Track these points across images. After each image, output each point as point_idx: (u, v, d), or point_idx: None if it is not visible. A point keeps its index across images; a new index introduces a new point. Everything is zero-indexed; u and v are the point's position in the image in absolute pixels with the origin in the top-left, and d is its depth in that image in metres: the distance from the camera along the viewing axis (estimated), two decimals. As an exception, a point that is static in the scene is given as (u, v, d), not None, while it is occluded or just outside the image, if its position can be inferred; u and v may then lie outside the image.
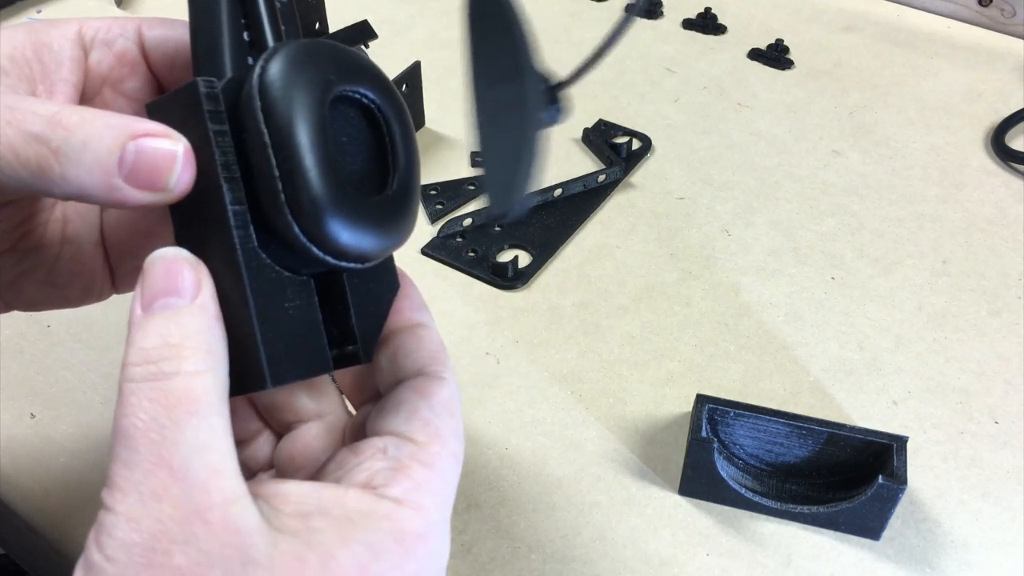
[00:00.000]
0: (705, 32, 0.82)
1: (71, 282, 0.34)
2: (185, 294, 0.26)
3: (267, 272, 0.27)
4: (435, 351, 0.30)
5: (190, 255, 0.27)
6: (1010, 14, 0.81)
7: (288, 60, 0.26)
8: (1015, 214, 0.63)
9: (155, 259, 0.26)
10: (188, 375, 0.25)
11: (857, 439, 0.44)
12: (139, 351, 0.26)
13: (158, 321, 0.26)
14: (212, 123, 0.26)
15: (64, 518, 0.46)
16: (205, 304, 0.26)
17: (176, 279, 0.26)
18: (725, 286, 0.58)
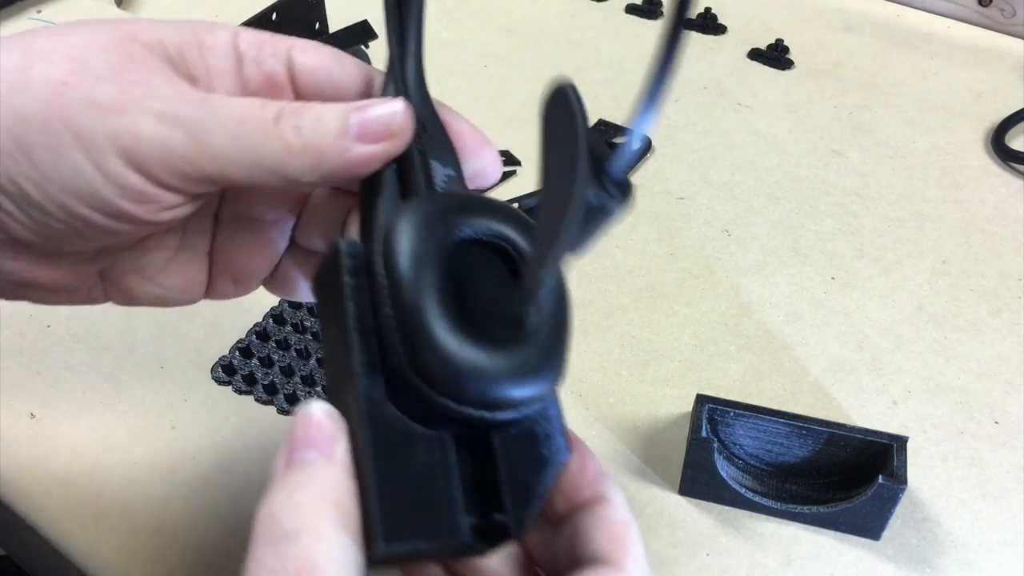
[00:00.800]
0: (705, 32, 0.82)
1: (174, 285, 0.34)
2: (323, 448, 0.25)
3: (393, 425, 0.26)
4: (616, 534, 0.27)
5: (331, 408, 0.26)
6: (1010, 14, 0.81)
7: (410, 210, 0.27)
8: (1015, 214, 0.63)
9: (299, 413, 0.26)
10: (310, 536, 0.23)
11: (857, 439, 0.44)
12: (266, 507, 0.24)
13: (291, 476, 0.25)
14: (348, 277, 0.27)
15: (64, 518, 0.46)
16: (338, 459, 0.25)
17: (316, 432, 0.25)
18: (725, 286, 0.58)
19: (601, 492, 0.28)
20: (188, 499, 0.46)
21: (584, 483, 0.28)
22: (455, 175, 0.31)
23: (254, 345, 0.53)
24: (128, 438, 0.49)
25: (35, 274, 0.30)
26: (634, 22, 0.84)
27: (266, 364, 0.52)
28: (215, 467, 0.48)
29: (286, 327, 0.54)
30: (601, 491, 0.28)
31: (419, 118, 0.30)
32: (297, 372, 0.52)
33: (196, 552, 0.44)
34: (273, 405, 0.51)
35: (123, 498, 0.46)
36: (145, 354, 0.53)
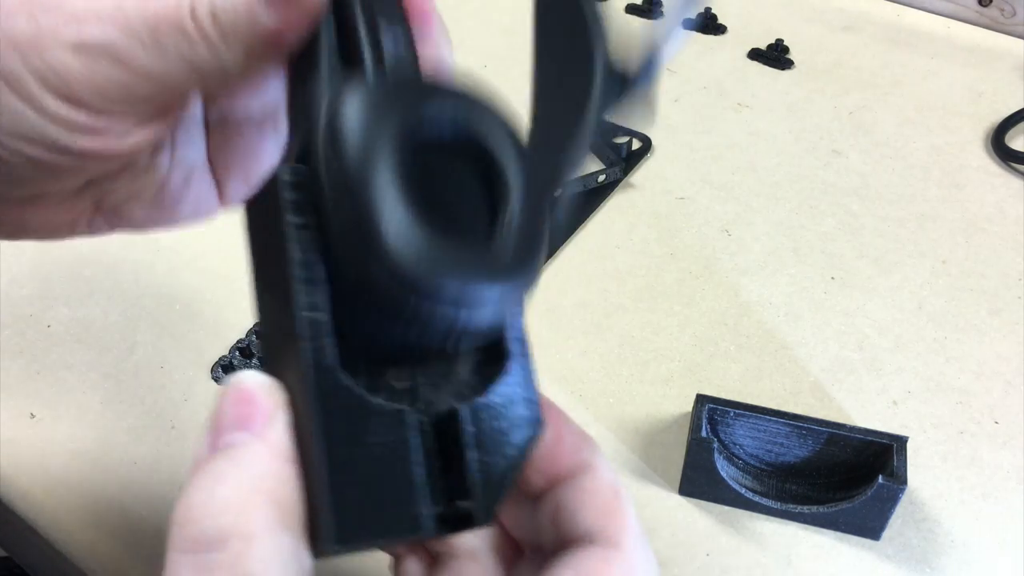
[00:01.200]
0: (705, 32, 0.82)
1: (179, 203, 0.32)
2: (252, 427, 0.21)
3: (348, 396, 0.22)
4: (605, 504, 0.24)
5: (266, 379, 0.22)
6: (1010, 14, 0.81)
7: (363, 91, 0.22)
8: (1015, 214, 0.63)
9: (229, 385, 0.22)
10: (241, 541, 0.19)
11: (857, 439, 0.44)
12: (184, 509, 0.20)
13: (215, 463, 0.21)
14: (291, 214, 0.22)
15: (64, 518, 0.46)
16: (275, 441, 0.21)
17: (245, 407, 0.21)
18: (725, 286, 0.58)
19: (583, 460, 0.24)
20: (188, 499, 0.46)
21: (562, 453, 0.25)
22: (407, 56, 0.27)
23: (254, 345, 0.53)
24: (128, 438, 0.49)
25: (24, 218, 0.29)
26: (634, 22, 0.84)
27: (266, 364, 0.52)
28: (215, 467, 0.48)
29: (286, 327, 0.54)
30: (582, 459, 0.24)
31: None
32: (297, 372, 0.52)
33: (196, 552, 0.44)
34: (273, 405, 0.51)
35: (123, 498, 0.46)
36: (145, 354, 0.53)
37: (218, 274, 0.58)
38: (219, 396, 0.22)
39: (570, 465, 0.24)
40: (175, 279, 0.58)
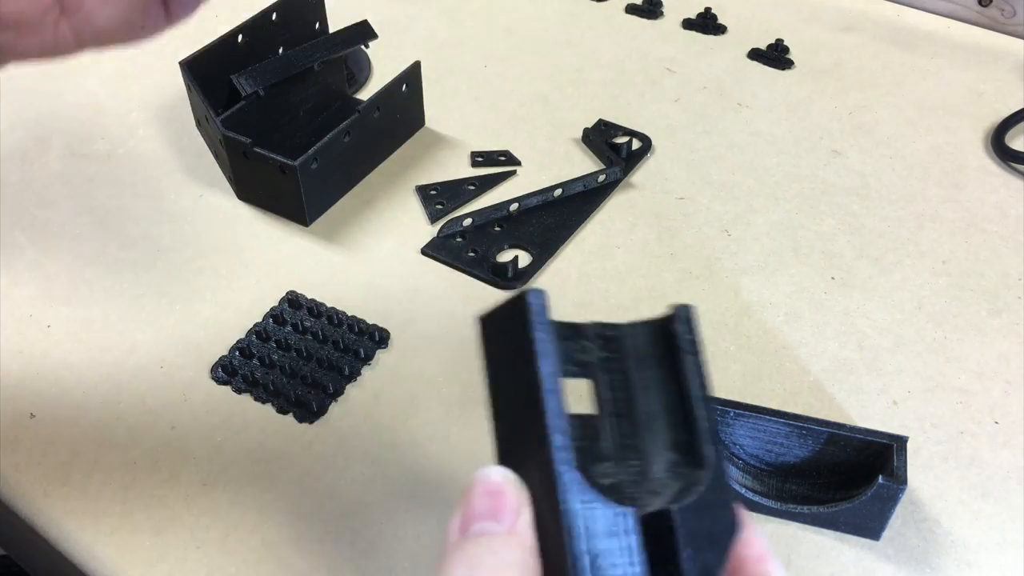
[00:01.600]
0: (705, 32, 0.82)
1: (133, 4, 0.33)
2: (504, 520, 0.24)
3: (586, 501, 0.24)
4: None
5: (511, 474, 0.25)
6: (1010, 14, 0.81)
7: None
8: (1015, 214, 0.63)
9: (479, 478, 0.25)
10: None
11: (857, 439, 0.44)
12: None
13: (470, 548, 0.23)
14: (539, 332, 0.26)
15: (64, 518, 0.46)
16: (522, 533, 0.24)
17: (497, 502, 0.24)
18: (725, 286, 0.58)
19: (764, 572, 0.27)
20: (188, 499, 0.46)
21: (749, 561, 0.27)
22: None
23: (254, 345, 0.53)
24: (128, 438, 0.49)
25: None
26: (634, 22, 0.84)
27: (266, 364, 0.52)
28: (215, 467, 0.48)
29: (286, 327, 0.54)
30: (764, 571, 0.27)
31: None
32: (297, 372, 0.52)
33: (196, 552, 0.44)
34: (273, 405, 0.51)
35: (123, 498, 0.46)
36: (145, 354, 0.53)
37: (218, 274, 0.58)
38: (469, 487, 0.25)
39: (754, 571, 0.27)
40: (175, 279, 0.58)
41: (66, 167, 0.67)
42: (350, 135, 0.62)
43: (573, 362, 0.27)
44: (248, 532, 0.45)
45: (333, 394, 0.51)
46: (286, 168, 0.59)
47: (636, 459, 0.27)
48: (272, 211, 0.63)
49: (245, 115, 0.62)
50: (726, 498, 0.27)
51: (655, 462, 0.27)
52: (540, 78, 0.76)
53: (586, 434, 0.26)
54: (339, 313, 0.55)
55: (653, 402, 0.28)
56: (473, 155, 0.68)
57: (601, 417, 0.27)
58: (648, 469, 0.27)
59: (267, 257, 0.60)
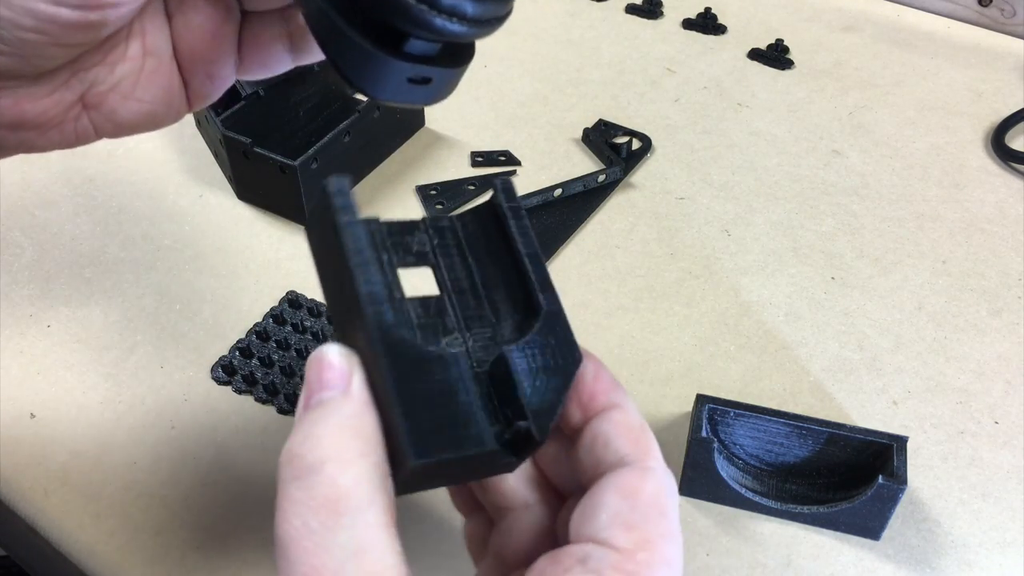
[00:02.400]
0: (705, 32, 0.82)
1: (155, 97, 0.34)
2: (336, 386, 0.26)
3: (408, 347, 0.26)
4: (635, 436, 0.28)
5: (340, 347, 0.27)
6: (1010, 14, 0.81)
7: None
8: (1015, 214, 0.63)
9: (311, 359, 0.27)
10: (333, 464, 0.24)
11: (857, 439, 0.44)
12: (286, 450, 0.25)
13: (309, 414, 0.25)
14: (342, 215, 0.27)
15: (64, 518, 0.46)
16: (354, 392, 0.26)
17: (327, 373, 0.26)
18: (725, 286, 0.58)
19: (616, 399, 0.28)
20: (188, 499, 0.46)
21: (600, 391, 0.29)
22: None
23: (254, 345, 0.53)
24: (128, 438, 0.49)
25: (22, 109, 0.31)
26: (634, 22, 0.84)
27: (266, 364, 0.52)
28: (215, 467, 0.48)
29: (286, 327, 0.54)
30: (616, 399, 0.28)
31: None
32: (297, 372, 0.52)
33: (196, 552, 0.44)
34: (273, 405, 0.51)
35: (123, 498, 0.46)
36: (145, 354, 0.53)
37: (218, 274, 0.58)
38: (306, 368, 0.26)
39: (606, 402, 0.28)
40: (175, 279, 0.58)
41: (66, 167, 0.67)
42: (350, 135, 0.62)
43: (410, 253, 0.29)
44: (248, 532, 0.45)
45: (333, 394, 0.51)
46: (286, 168, 0.59)
47: (484, 327, 0.29)
48: (272, 211, 0.63)
49: (245, 115, 0.62)
50: (564, 338, 0.29)
51: (503, 325, 0.29)
52: (540, 78, 0.76)
53: (431, 313, 0.29)
54: (339, 313, 0.55)
55: (491, 272, 0.30)
56: (473, 155, 0.68)
57: (444, 296, 0.29)
58: (498, 334, 0.29)
59: (267, 257, 0.60)
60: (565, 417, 0.29)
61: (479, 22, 0.29)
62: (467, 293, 0.30)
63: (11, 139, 0.32)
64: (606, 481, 0.27)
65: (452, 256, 0.30)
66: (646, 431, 0.28)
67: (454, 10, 0.27)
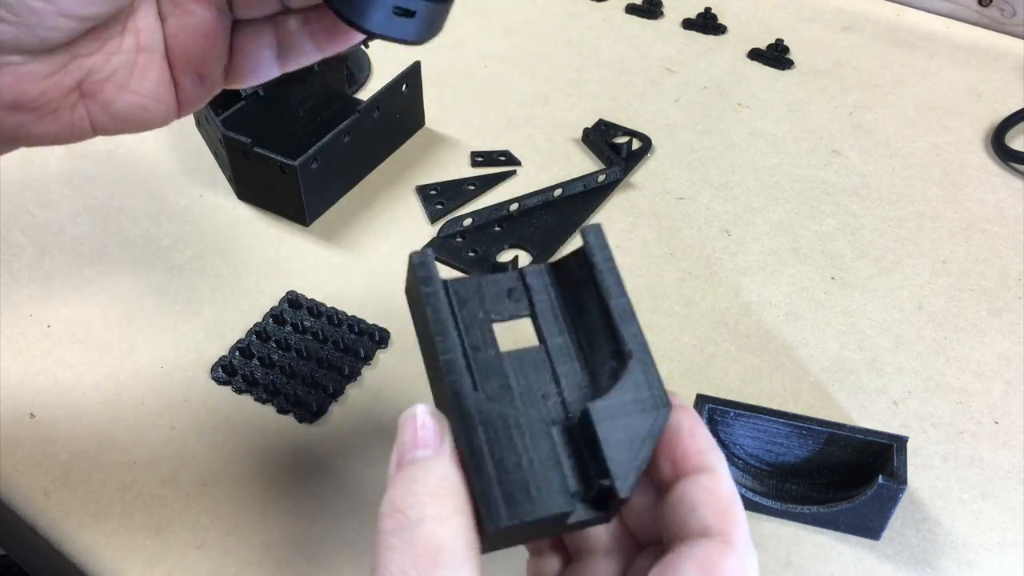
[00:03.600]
0: (705, 32, 0.82)
1: (148, 91, 0.35)
2: (430, 445, 0.27)
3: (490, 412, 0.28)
4: (723, 507, 0.27)
5: (434, 409, 0.28)
6: (1010, 14, 0.81)
7: None
8: (1015, 214, 0.63)
9: (406, 418, 0.28)
10: (433, 521, 0.25)
11: (857, 439, 0.44)
12: (389, 501, 0.26)
13: (406, 472, 0.27)
14: (423, 286, 0.29)
15: (64, 518, 0.46)
16: (447, 453, 0.27)
17: (422, 433, 0.28)
18: (725, 286, 0.58)
19: (708, 462, 0.28)
20: (188, 499, 0.46)
21: (693, 450, 0.28)
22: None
23: (254, 345, 0.53)
24: (128, 438, 0.49)
25: (22, 88, 0.31)
26: (634, 22, 0.84)
27: (266, 364, 0.52)
28: (215, 467, 0.48)
29: (286, 327, 0.54)
30: (708, 461, 0.28)
31: None
32: (297, 372, 0.52)
33: (196, 552, 0.44)
34: (273, 405, 0.51)
35: (123, 498, 0.46)
36: (145, 354, 0.54)
37: (218, 274, 0.58)
38: (400, 425, 0.28)
39: (698, 463, 0.28)
40: (175, 279, 0.58)
41: (66, 167, 0.67)
42: (350, 135, 0.62)
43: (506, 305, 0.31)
44: (248, 532, 0.45)
45: (333, 394, 0.51)
46: (286, 168, 0.59)
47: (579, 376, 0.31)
48: (272, 211, 0.63)
49: (245, 115, 0.62)
50: (654, 390, 0.29)
51: (600, 373, 0.30)
52: (540, 78, 0.76)
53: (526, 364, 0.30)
54: (339, 313, 0.55)
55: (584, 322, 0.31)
56: (473, 155, 0.68)
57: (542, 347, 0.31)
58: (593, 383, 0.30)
59: (267, 257, 0.60)
60: (655, 469, 0.29)
61: None
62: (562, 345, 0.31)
63: (8, 122, 0.32)
64: (687, 551, 0.26)
65: (546, 306, 0.32)
66: (735, 503, 0.27)
67: None
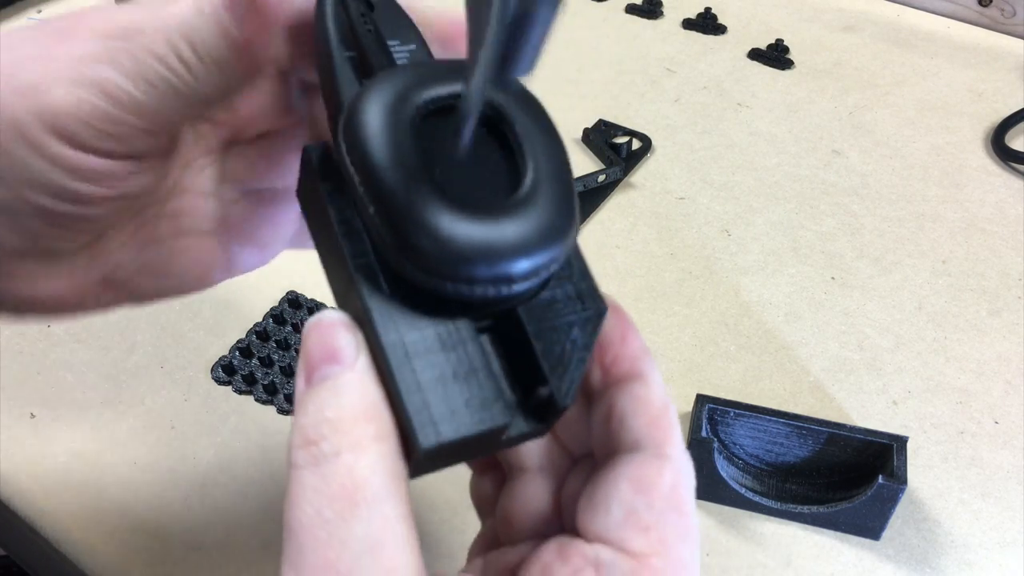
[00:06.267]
0: (705, 32, 0.82)
1: (186, 272, 0.32)
2: (343, 360, 0.24)
3: (407, 323, 0.24)
4: (656, 416, 0.25)
5: (343, 316, 0.24)
6: (1010, 14, 0.81)
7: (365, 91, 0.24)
8: (1015, 214, 0.63)
9: (311, 326, 0.24)
10: (349, 452, 0.22)
11: (857, 439, 0.44)
12: (298, 431, 0.23)
13: (316, 393, 0.23)
14: (323, 182, 0.25)
15: (64, 518, 0.46)
16: (361, 369, 0.23)
17: (332, 344, 0.24)
18: (725, 286, 0.58)
19: (642, 369, 0.26)
20: (188, 499, 0.46)
21: (625, 355, 0.26)
22: (418, 48, 0.28)
23: (254, 345, 0.53)
24: (128, 438, 0.49)
25: (35, 288, 0.29)
26: (634, 22, 0.84)
27: (266, 364, 0.52)
28: (215, 467, 0.48)
29: (286, 327, 0.54)
30: (642, 368, 0.26)
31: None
32: (297, 372, 0.52)
33: (196, 552, 0.44)
34: (273, 405, 0.51)
35: (123, 498, 0.46)
36: (145, 354, 0.53)
37: (218, 274, 0.58)
38: (304, 336, 0.24)
39: (630, 369, 0.26)
40: (175, 279, 0.58)
41: (66, 167, 0.67)
42: (350, 135, 0.62)
43: None
44: (248, 532, 0.45)
45: (333, 394, 0.51)
46: (286, 168, 0.58)
47: None
48: (272, 211, 0.63)
49: (245, 115, 0.62)
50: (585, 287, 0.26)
51: None
52: (540, 78, 0.75)
53: None
54: (339, 313, 0.55)
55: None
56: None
57: None
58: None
59: (267, 257, 0.60)
60: (585, 376, 0.27)
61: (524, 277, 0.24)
62: None
63: (23, 310, 0.30)
64: (620, 468, 0.25)
65: None
66: (668, 411, 0.25)
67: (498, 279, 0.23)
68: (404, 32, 0.28)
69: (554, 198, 0.24)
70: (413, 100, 0.24)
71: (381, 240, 0.23)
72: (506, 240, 0.23)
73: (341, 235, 0.24)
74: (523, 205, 0.24)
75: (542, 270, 0.24)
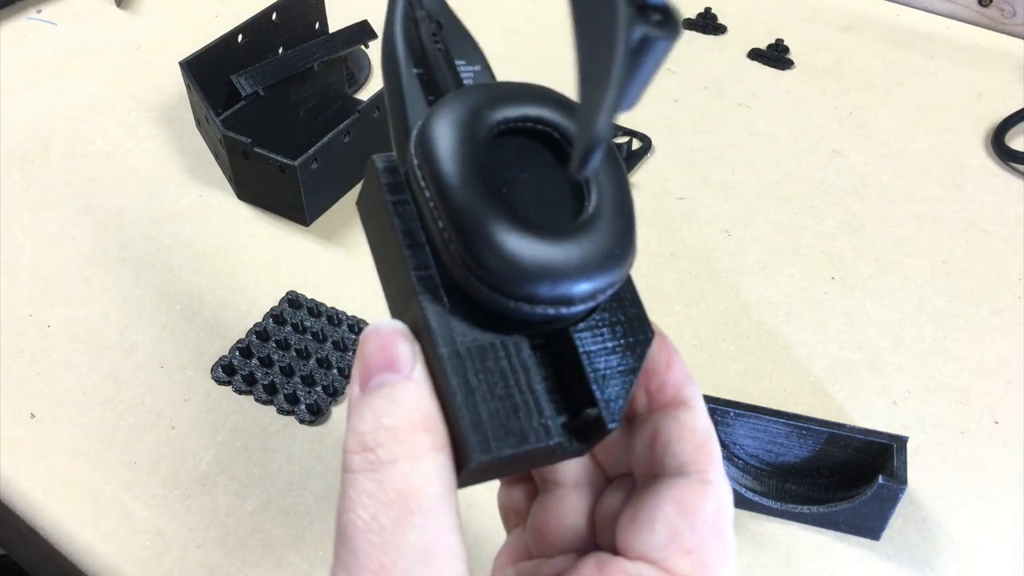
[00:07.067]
0: (705, 32, 0.82)
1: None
2: (401, 369, 0.24)
3: (464, 336, 0.24)
4: (700, 442, 0.26)
5: (401, 325, 0.25)
6: (1010, 14, 0.81)
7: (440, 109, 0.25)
8: (1015, 214, 0.63)
9: (369, 333, 0.24)
10: (407, 462, 0.23)
11: (857, 439, 0.44)
12: (355, 436, 0.23)
13: (373, 401, 0.24)
14: (389, 194, 0.26)
15: (64, 518, 0.46)
16: (419, 378, 0.24)
17: (390, 353, 0.24)
18: (725, 286, 0.58)
19: (686, 395, 0.27)
20: (188, 499, 0.46)
21: (670, 382, 0.27)
22: (483, 70, 0.29)
23: (254, 345, 0.53)
24: (128, 438, 0.49)
25: None
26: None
27: (266, 364, 0.52)
28: (215, 467, 0.48)
29: (286, 327, 0.54)
30: (686, 395, 0.27)
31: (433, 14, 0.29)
32: (297, 372, 0.52)
33: (196, 552, 0.44)
34: (273, 405, 0.51)
35: (123, 498, 0.46)
36: (145, 354, 0.53)
37: (218, 274, 0.58)
38: (362, 342, 0.24)
39: (675, 396, 0.27)
40: (175, 279, 0.58)
41: (66, 167, 0.67)
42: (350, 135, 0.62)
43: None
44: (248, 532, 0.45)
45: (333, 394, 0.51)
46: (286, 168, 0.59)
47: None
48: (272, 211, 0.63)
49: (245, 115, 0.62)
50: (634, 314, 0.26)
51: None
52: (540, 78, 0.76)
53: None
54: (339, 313, 0.55)
55: None
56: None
57: None
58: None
59: (267, 257, 0.60)
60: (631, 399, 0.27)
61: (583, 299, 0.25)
62: None
63: None
64: (664, 490, 0.25)
65: None
66: (711, 439, 0.26)
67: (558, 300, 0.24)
68: (470, 53, 0.30)
69: (616, 223, 0.25)
70: (487, 119, 0.25)
71: (447, 254, 0.24)
72: (570, 262, 0.24)
73: (405, 247, 0.25)
74: (587, 228, 0.24)
75: (600, 293, 0.24)
